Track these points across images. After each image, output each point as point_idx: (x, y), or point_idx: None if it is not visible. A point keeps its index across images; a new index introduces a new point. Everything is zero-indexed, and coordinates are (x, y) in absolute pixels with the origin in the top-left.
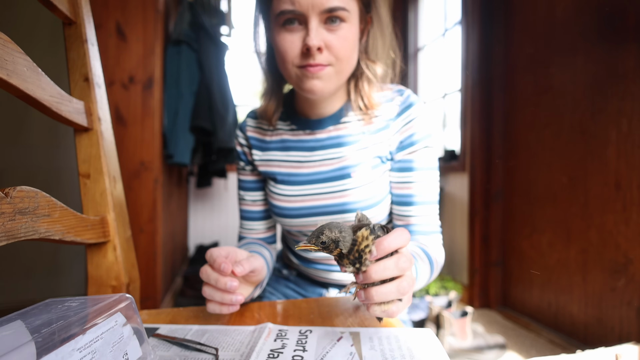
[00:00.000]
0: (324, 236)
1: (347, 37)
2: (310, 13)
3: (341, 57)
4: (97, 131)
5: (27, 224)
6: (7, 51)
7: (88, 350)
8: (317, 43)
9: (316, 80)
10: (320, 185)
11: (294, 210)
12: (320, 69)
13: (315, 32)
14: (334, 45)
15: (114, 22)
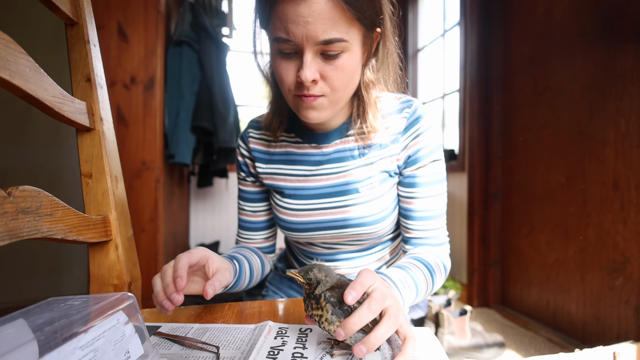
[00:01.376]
0: (312, 274)
1: (344, 67)
2: (305, 45)
3: (336, 87)
4: (99, 131)
5: (30, 223)
6: (10, 52)
7: (90, 349)
8: (310, 77)
9: (311, 110)
10: (327, 200)
11: (301, 225)
12: (314, 99)
13: (308, 66)
14: (330, 76)
15: (116, 23)
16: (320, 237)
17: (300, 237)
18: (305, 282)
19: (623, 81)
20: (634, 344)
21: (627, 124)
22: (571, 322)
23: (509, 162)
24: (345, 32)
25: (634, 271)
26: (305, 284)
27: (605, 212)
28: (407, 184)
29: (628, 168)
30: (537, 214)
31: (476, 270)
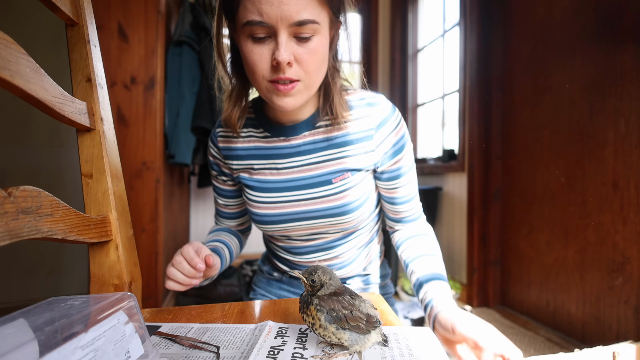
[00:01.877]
0: (316, 276)
1: (317, 50)
2: (280, 26)
3: (310, 71)
4: (100, 131)
5: (30, 223)
6: (10, 52)
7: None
8: (286, 58)
9: (288, 98)
10: (299, 192)
11: (274, 217)
12: (291, 87)
13: (284, 47)
14: (304, 59)
15: (116, 23)
16: (295, 228)
17: (275, 231)
18: (308, 284)
19: (623, 81)
20: (634, 343)
21: (626, 124)
22: (571, 322)
23: (509, 162)
24: (317, 14)
25: (633, 271)
26: (308, 286)
27: (604, 212)
28: (390, 178)
29: (628, 168)
30: (537, 214)
31: (476, 270)
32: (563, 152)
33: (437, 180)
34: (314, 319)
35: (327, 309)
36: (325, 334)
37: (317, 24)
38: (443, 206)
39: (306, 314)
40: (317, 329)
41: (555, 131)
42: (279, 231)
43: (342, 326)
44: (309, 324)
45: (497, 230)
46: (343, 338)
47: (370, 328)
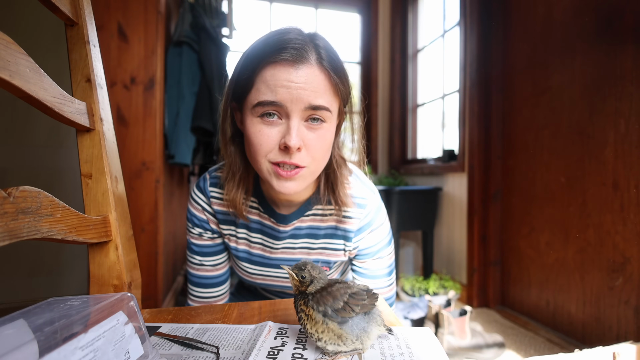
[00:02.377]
0: (307, 272)
1: (325, 137)
2: (294, 108)
3: (318, 158)
4: (99, 132)
5: (30, 224)
6: (10, 52)
7: (90, 349)
8: (297, 143)
9: (289, 182)
10: (279, 271)
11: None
12: (296, 172)
13: (296, 131)
14: (312, 145)
15: (116, 23)
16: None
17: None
18: (298, 280)
19: (623, 82)
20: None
21: (626, 124)
22: (571, 323)
23: (509, 163)
24: (330, 102)
25: (633, 271)
26: (297, 282)
27: (605, 212)
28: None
29: (628, 168)
30: (537, 214)
31: (476, 271)
32: (563, 152)
33: (437, 181)
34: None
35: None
36: (324, 330)
37: (329, 112)
38: (443, 206)
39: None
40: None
41: (555, 131)
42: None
43: (348, 315)
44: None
45: (497, 231)
46: (343, 335)
47: (374, 300)
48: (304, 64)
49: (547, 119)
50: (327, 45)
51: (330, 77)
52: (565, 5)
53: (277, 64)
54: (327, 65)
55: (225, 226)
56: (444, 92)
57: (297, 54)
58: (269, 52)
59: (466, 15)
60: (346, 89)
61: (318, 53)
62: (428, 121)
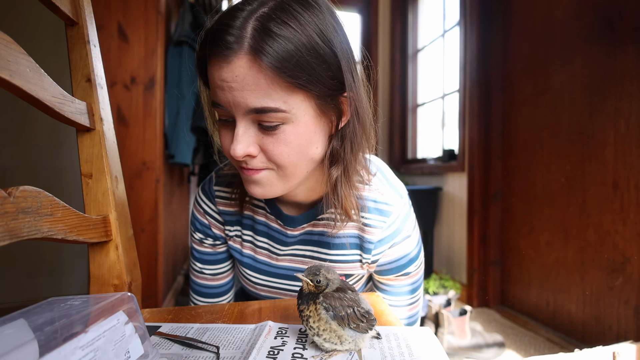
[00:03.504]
0: (322, 276)
1: (288, 140)
2: (236, 112)
3: (282, 163)
4: (99, 131)
5: (30, 223)
6: (10, 52)
7: (90, 349)
8: (240, 152)
9: (254, 185)
10: (283, 281)
11: (256, 293)
12: (255, 172)
13: (240, 138)
14: (270, 149)
15: (116, 23)
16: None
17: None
18: (313, 286)
19: (622, 81)
20: (634, 344)
21: (626, 124)
22: (571, 322)
23: (509, 162)
24: (283, 101)
25: (633, 271)
26: (313, 287)
27: (604, 212)
28: (377, 286)
29: (628, 168)
30: (537, 214)
31: (476, 270)
32: (563, 152)
33: (437, 181)
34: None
35: (331, 307)
36: (326, 328)
37: (282, 112)
38: (443, 206)
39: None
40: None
41: (555, 131)
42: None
43: (343, 325)
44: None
45: (497, 230)
46: (344, 336)
47: (369, 327)
48: (236, 57)
49: (547, 119)
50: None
51: (275, 70)
52: (565, 6)
53: (212, 60)
54: (269, 57)
55: (232, 227)
56: (444, 91)
57: (228, 48)
58: (208, 42)
59: (466, 15)
60: (316, 80)
61: (258, 41)
62: (428, 121)
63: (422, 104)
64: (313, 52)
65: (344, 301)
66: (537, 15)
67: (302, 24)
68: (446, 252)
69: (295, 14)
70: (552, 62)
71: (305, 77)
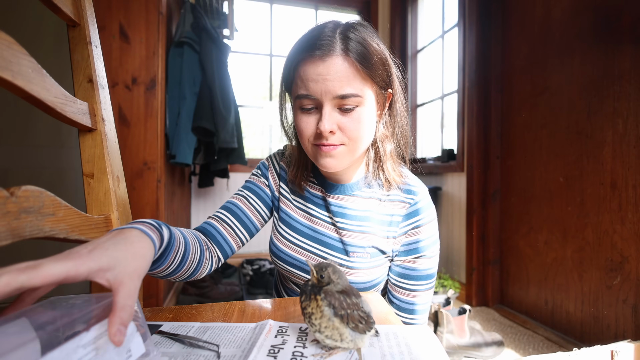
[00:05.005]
0: (326, 273)
1: (360, 119)
2: (324, 99)
3: (354, 138)
4: (101, 132)
5: (32, 223)
6: (12, 53)
7: (92, 347)
8: (328, 128)
9: (329, 158)
10: (317, 246)
11: (290, 258)
12: (333, 148)
13: (327, 117)
14: (347, 127)
15: (117, 24)
16: (302, 278)
17: (285, 270)
18: (317, 278)
19: (621, 82)
20: (632, 342)
21: (625, 124)
22: (569, 321)
23: (508, 162)
24: (360, 89)
25: (631, 270)
26: (315, 279)
27: (603, 211)
28: (399, 274)
29: (626, 168)
30: (536, 213)
31: (475, 270)
32: (561, 152)
33: (436, 180)
34: (316, 309)
35: (332, 305)
36: (328, 325)
37: (359, 97)
38: (442, 206)
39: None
40: (317, 318)
41: (553, 131)
42: (287, 272)
43: (342, 324)
44: (309, 313)
45: (496, 230)
46: (345, 334)
47: (367, 329)
48: (330, 57)
49: (545, 119)
50: (360, 35)
51: (355, 65)
52: (563, 6)
53: (308, 61)
54: (353, 55)
55: (284, 185)
56: (443, 92)
57: (324, 50)
58: (303, 50)
59: (465, 15)
60: (379, 75)
61: (345, 44)
62: (427, 121)
63: (421, 104)
64: (376, 54)
65: (344, 303)
66: (535, 15)
67: (370, 36)
68: (445, 251)
69: (360, 29)
70: (550, 62)
71: (374, 72)
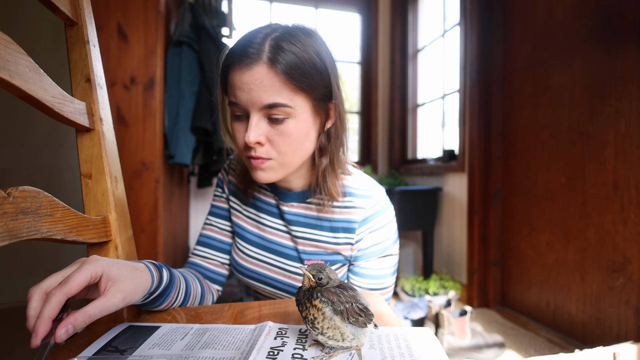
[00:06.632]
0: (324, 274)
1: (290, 132)
2: (251, 108)
3: (283, 151)
4: (99, 132)
5: (30, 224)
6: (10, 52)
7: None
8: (253, 139)
9: (260, 171)
10: (272, 256)
11: (248, 271)
12: (262, 162)
13: (253, 128)
14: (275, 140)
15: (115, 23)
16: (267, 292)
17: (252, 285)
18: (315, 282)
19: (623, 82)
20: (634, 344)
21: (627, 124)
22: (571, 323)
23: (509, 163)
24: (290, 99)
25: (634, 272)
26: (314, 283)
27: (605, 212)
28: (359, 274)
29: (628, 168)
30: (537, 214)
31: (476, 271)
32: (563, 152)
33: (437, 181)
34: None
35: (330, 302)
36: (330, 325)
37: (289, 107)
38: (443, 206)
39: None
40: (319, 322)
41: (555, 131)
42: (255, 287)
43: (342, 320)
44: (311, 318)
45: (497, 231)
46: (346, 333)
47: (367, 322)
48: (256, 65)
49: (547, 119)
50: (295, 44)
51: (285, 75)
52: (565, 5)
53: (236, 68)
54: (281, 66)
55: (233, 197)
56: (444, 92)
57: (250, 58)
58: (233, 56)
59: (466, 15)
60: (314, 86)
61: (273, 54)
62: (428, 121)
63: (422, 104)
64: (312, 65)
65: (341, 297)
66: (537, 15)
67: (304, 45)
68: (446, 252)
69: (299, 37)
70: (552, 62)
71: (306, 82)
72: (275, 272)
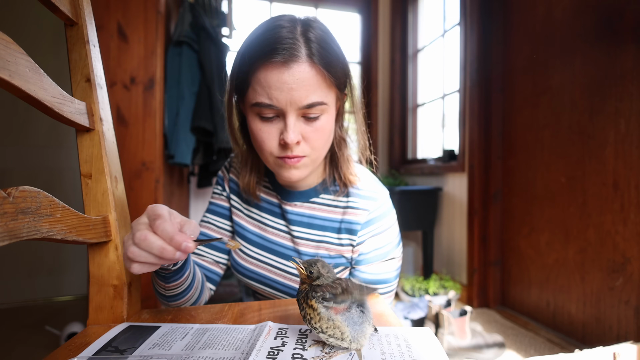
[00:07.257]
0: (315, 268)
1: (324, 128)
2: (289, 109)
3: (317, 147)
4: (99, 132)
5: (30, 224)
6: (9, 52)
7: None
8: (294, 139)
9: (294, 170)
10: (272, 257)
11: (247, 271)
12: (297, 160)
13: (293, 128)
14: (311, 137)
15: (116, 23)
16: (267, 293)
17: (252, 286)
18: (306, 275)
19: (623, 82)
20: (634, 344)
21: (627, 124)
22: (571, 323)
23: (509, 163)
24: (325, 96)
25: (634, 271)
26: (305, 277)
27: (605, 212)
28: (355, 276)
29: (628, 168)
30: (537, 214)
31: (476, 271)
32: (563, 152)
33: (437, 181)
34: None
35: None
36: (329, 325)
37: (324, 105)
38: (443, 206)
39: (307, 309)
40: (317, 322)
41: (555, 131)
42: (255, 287)
43: (346, 298)
44: (309, 318)
45: (497, 231)
46: (345, 332)
47: (365, 295)
48: (295, 62)
49: (547, 119)
50: (320, 35)
51: (322, 72)
52: (565, 5)
53: (269, 65)
54: (318, 60)
55: (235, 197)
56: (444, 92)
57: (287, 54)
58: (261, 52)
59: (466, 15)
60: (342, 77)
61: (309, 48)
62: (428, 121)
63: (422, 104)
64: (339, 61)
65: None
66: (537, 15)
67: (328, 34)
68: (446, 252)
69: (319, 26)
70: (552, 62)
71: (336, 77)
72: (275, 273)
